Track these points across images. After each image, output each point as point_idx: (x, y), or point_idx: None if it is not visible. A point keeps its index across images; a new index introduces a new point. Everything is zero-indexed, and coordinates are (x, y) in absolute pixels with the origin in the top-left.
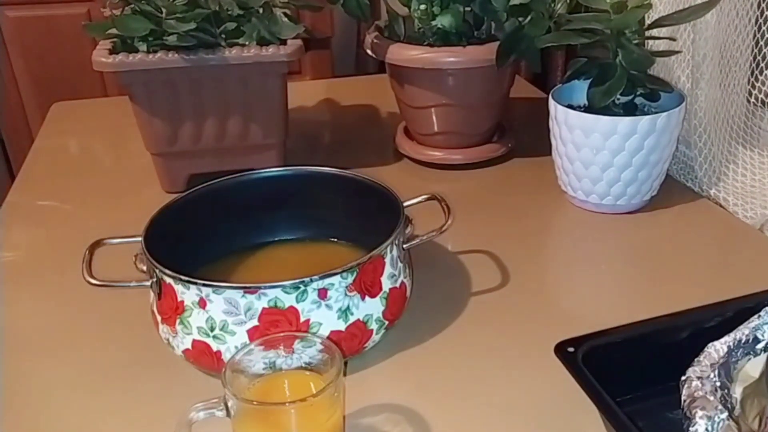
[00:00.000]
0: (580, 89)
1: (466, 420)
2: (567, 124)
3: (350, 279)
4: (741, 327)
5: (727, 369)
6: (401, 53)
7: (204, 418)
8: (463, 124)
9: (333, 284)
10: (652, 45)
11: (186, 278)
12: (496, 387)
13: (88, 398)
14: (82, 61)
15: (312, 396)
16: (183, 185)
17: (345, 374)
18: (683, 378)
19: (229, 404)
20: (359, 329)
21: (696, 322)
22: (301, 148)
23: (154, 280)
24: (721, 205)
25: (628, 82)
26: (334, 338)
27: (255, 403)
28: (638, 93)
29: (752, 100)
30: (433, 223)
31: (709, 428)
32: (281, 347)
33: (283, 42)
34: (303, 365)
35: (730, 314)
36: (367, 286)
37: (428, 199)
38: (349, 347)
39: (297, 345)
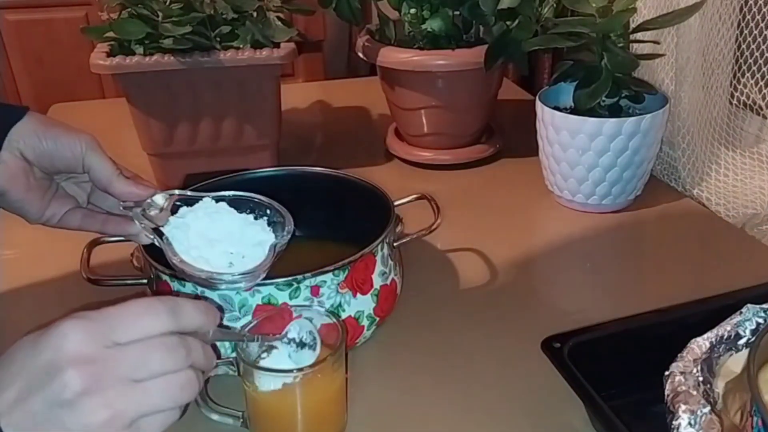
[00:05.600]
0: (566, 91)
1: (454, 414)
2: (553, 125)
3: (342, 276)
4: (723, 323)
5: (709, 364)
6: (392, 56)
7: (221, 372)
8: (452, 126)
9: (325, 281)
10: (637, 48)
11: (181, 275)
12: (484, 382)
13: None
14: (81, 64)
15: (308, 366)
16: (179, 185)
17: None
18: (666, 373)
19: (240, 366)
20: (351, 325)
21: (679, 319)
22: (294, 149)
23: (151, 277)
24: (703, 205)
25: (613, 85)
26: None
27: (261, 370)
28: (623, 95)
29: (734, 102)
30: (423, 222)
31: (692, 422)
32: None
33: (277, 45)
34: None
35: (713, 311)
36: (358, 284)
37: (418, 198)
38: None
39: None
